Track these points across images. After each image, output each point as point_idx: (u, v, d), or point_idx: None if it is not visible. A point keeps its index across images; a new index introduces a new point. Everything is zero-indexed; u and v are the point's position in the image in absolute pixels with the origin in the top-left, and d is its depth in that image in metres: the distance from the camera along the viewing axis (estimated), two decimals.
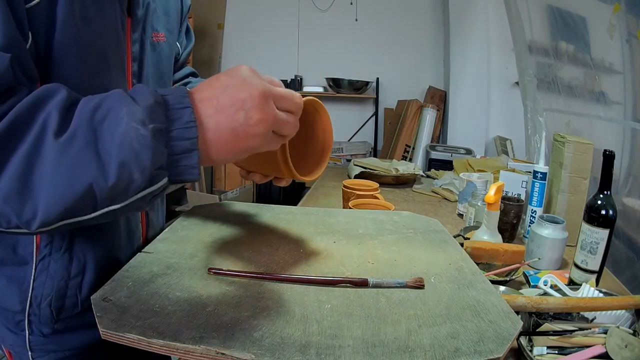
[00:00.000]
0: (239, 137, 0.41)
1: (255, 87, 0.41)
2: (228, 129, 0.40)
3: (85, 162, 0.35)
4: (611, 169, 0.79)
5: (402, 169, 1.72)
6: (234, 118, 0.40)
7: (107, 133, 0.36)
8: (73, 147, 0.35)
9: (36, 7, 0.43)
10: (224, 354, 0.39)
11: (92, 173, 0.35)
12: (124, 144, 0.36)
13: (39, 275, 0.57)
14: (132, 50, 0.59)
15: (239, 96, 0.41)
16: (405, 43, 3.57)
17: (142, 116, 0.36)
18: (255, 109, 0.41)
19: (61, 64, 0.47)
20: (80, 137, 0.35)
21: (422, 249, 0.66)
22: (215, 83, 0.42)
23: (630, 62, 1.19)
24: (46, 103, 0.37)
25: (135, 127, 0.36)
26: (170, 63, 0.72)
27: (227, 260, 0.58)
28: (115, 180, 0.36)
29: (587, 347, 0.62)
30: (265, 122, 0.41)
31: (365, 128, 3.76)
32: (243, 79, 0.42)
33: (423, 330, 0.44)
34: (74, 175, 0.35)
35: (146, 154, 0.36)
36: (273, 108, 0.42)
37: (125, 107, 0.37)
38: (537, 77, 1.91)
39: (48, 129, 0.35)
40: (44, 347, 0.61)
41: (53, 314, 0.59)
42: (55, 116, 0.36)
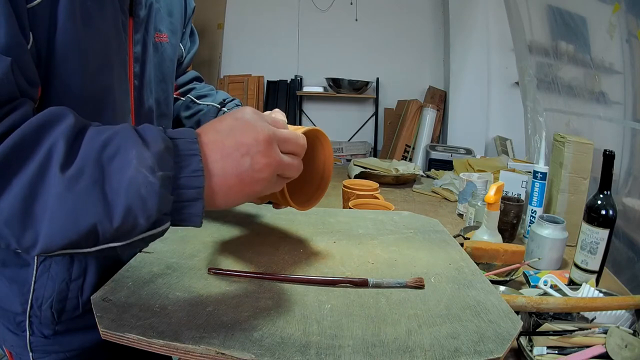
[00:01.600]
0: (244, 182, 0.41)
1: (260, 132, 0.41)
2: (234, 174, 0.40)
3: (91, 202, 0.35)
4: (611, 169, 0.79)
5: (402, 169, 1.72)
6: (240, 163, 0.40)
7: (115, 174, 0.35)
8: (80, 184, 0.35)
9: (37, 6, 0.43)
10: (224, 354, 0.39)
11: (98, 214, 0.35)
12: (131, 188, 0.35)
13: (40, 277, 0.57)
14: (134, 51, 0.58)
15: (244, 141, 0.41)
16: (405, 43, 3.58)
17: (151, 162, 0.36)
18: (260, 154, 0.41)
19: (62, 64, 0.47)
20: (88, 174, 0.35)
21: (422, 249, 0.66)
22: (220, 126, 0.42)
23: (630, 62, 1.19)
24: (53, 128, 0.36)
25: (144, 174, 0.35)
26: (173, 65, 0.71)
27: (227, 260, 0.58)
28: (120, 223, 0.36)
29: (587, 347, 0.62)
30: (270, 167, 0.42)
31: (365, 128, 3.76)
32: (247, 122, 0.42)
33: (423, 330, 0.44)
34: (78, 213, 0.35)
35: (153, 202, 0.36)
36: (278, 152, 0.43)
37: (135, 149, 0.36)
38: (537, 77, 1.91)
39: (54, 159, 0.35)
40: (45, 348, 0.61)
41: (54, 316, 0.59)
42: (61, 145, 0.35)
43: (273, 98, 3.70)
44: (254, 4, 3.65)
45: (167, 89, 0.69)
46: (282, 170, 0.44)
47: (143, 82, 0.61)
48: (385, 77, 3.60)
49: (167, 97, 0.70)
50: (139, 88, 0.60)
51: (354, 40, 3.60)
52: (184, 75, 0.86)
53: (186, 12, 0.75)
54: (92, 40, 0.49)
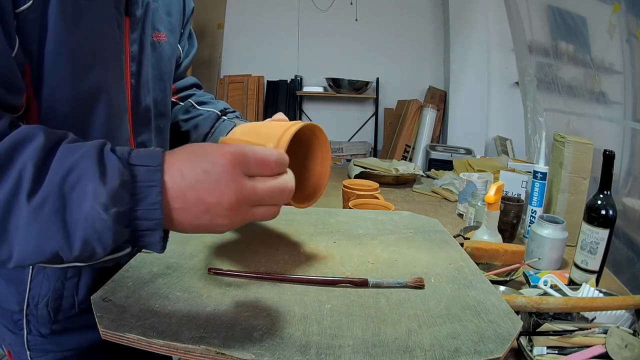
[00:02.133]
0: (200, 230, 0.41)
1: (226, 196, 0.38)
2: (191, 225, 0.40)
3: (52, 231, 0.36)
4: (611, 169, 0.79)
5: (402, 169, 1.72)
6: (199, 217, 0.39)
7: (75, 205, 0.36)
8: (43, 213, 0.36)
9: (27, 11, 0.43)
10: (224, 354, 0.39)
11: (59, 242, 0.37)
12: (87, 222, 0.36)
13: (36, 276, 0.57)
14: (131, 50, 0.58)
15: (207, 200, 0.38)
16: (405, 43, 3.58)
17: (105, 200, 0.36)
18: (221, 216, 0.39)
19: (53, 66, 0.47)
20: (50, 204, 0.36)
21: (422, 249, 0.66)
22: (188, 172, 0.39)
23: (630, 62, 1.19)
24: (23, 150, 0.37)
25: (98, 211, 0.36)
26: (171, 64, 0.71)
27: (227, 260, 0.58)
28: (79, 252, 0.37)
29: (587, 347, 0.62)
30: (231, 225, 0.40)
31: (365, 128, 3.76)
32: (216, 179, 0.38)
33: (423, 330, 0.44)
34: (43, 240, 0.37)
35: (107, 236, 0.37)
36: (245, 212, 0.40)
37: (92, 183, 0.36)
38: (537, 77, 1.91)
39: (23, 185, 0.36)
40: (42, 347, 0.62)
41: (50, 315, 0.59)
42: (30, 170, 0.36)
43: (273, 98, 3.70)
44: (254, 4, 3.65)
45: (165, 88, 0.69)
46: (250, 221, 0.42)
47: (140, 81, 0.61)
48: (385, 77, 3.60)
49: (165, 97, 0.70)
50: (135, 87, 0.60)
51: (354, 40, 3.60)
52: (183, 80, 0.85)
53: (185, 12, 0.75)
54: (83, 40, 0.49)
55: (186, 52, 0.81)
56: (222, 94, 3.60)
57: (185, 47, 0.80)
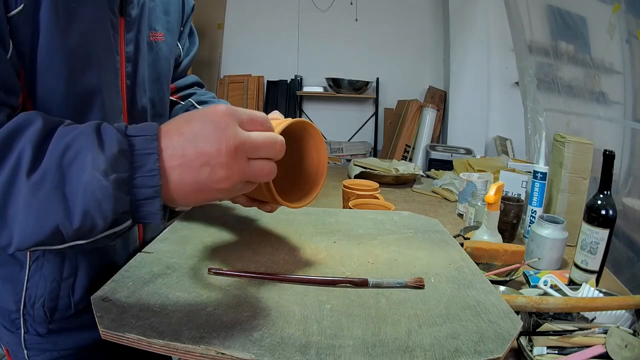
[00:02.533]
0: (202, 190, 0.40)
1: (224, 142, 0.39)
2: (191, 183, 0.40)
3: (52, 206, 0.37)
4: (611, 169, 0.79)
5: (402, 169, 1.72)
6: (199, 172, 0.39)
7: (74, 177, 0.37)
8: (43, 189, 0.36)
9: (18, 14, 0.43)
10: (224, 354, 0.39)
11: (59, 216, 0.37)
12: (87, 192, 0.37)
13: (33, 276, 0.58)
14: (126, 50, 0.57)
15: (206, 150, 0.39)
16: (405, 43, 3.58)
17: (104, 167, 0.37)
18: (221, 166, 0.39)
19: (46, 69, 0.47)
20: (49, 179, 0.37)
21: (422, 249, 0.66)
22: (185, 129, 0.40)
23: (630, 62, 1.19)
24: (22, 134, 0.38)
25: (98, 178, 0.36)
26: (169, 64, 0.70)
27: (227, 260, 0.58)
28: (79, 225, 0.37)
29: (587, 347, 0.62)
30: (230, 179, 0.40)
31: (365, 128, 3.76)
32: (214, 128, 0.39)
33: (423, 330, 0.44)
34: (42, 216, 0.37)
35: (108, 204, 0.37)
36: (243, 163, 0.41)
37: (91, 153, 0.37)
38: (537, 77, 1.91)
39: (22, 166, 0.37)
40: (40, 346, 0.62)
41: (47, 315, 0.60)
42: (28, 151, 0.37)
43: (273, 98, 3.70)
44: (254, 4, 3.65)
45: (163, 89, 0.68)
46: (248, 179, 0.42)
47: (136, 82, 0.60)
48: (385, 77, 3.60)
49: (163, 97, 0.69)
50: (131, 88, 0.60)
51: (354, 40, 3.60)
52: (184, 79, 0.84)
53: (184, 10, 0.74)
54: (76, 42, 0.48)
55: (187, 50, 0.80)
56: (222, 94, 3.60)
57: (186, 46, 0.79)
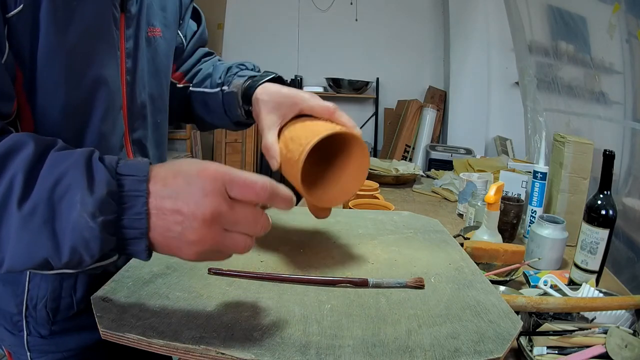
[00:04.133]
0: (170, 246, 0.40)
1: (202, 208, 0.38)
2: (162, 235, 0.39)
3: (42, 239, 0.37)
4: (611, 169, 0.79)
5: (402, 169, 1.72)
6: (170, 228, 0.39)
7: (63, 214, 0.37)
8: (33, 222, 0.37)
9: (18, 15, 0.42)
10: (224, 354, 0.39)
11: (48, 250, 0.38)
12: (75, 231, 0.37)
13: (34, 278, 0.57)
14: (126, 46, 0.58)
15: (183, 210, 0.38)
16: (405, 43, 3.58)
17: (92, 209, 0.37)
18: (192, 230, 0.38)
19: (47, 70, 0.46)
20: (40, 213, 0.37)
21: (422, 249, 0.66)
22: (171, 180, 0.39)
23: (630, 62, 1.19)
24: (14, 159, 0.38)
25: (86, 219, 0.37)
26: (168, 59, 0.70)
27: (227, 260, 0.57)
28: (67, 259, 0.38)
29: (587, 347, 0.62)
30: (199, 245, 0.39)
31: (365, 128, 3.76)
32: (197, 190, 0.39)
33: (423, 330, 0.44)
34: (33, 248, 0.38)
35: (94, 244, 0.38)
36: (217, 233, 0.39)
37: (80, 192, 0.37)
38: (537, 77, 1.91)
39: (13, 193, 0.37)
40: (42, 347, 0.61)
41: (49, 315, 0.59)
42: (20, 178, 0.37)
43: None
44: (254, 4, 3.65)
45: (162, 84, 0.68)
46: (219, 250, 0.41)
47: (135, 77, 0.60)
48: (385, 77, 3.60)
49: (162, 93, 0.69)
50: (131, 83, 0.60)
51: (354, 40, 3.60)
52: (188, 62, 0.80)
53: (182, 4, 0.73)
54: (78, 40, 0.48)
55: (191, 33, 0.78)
56: None
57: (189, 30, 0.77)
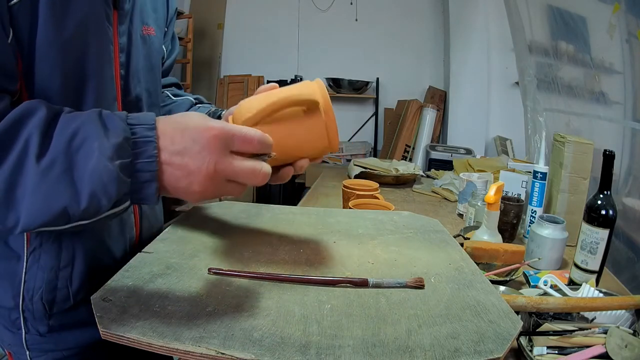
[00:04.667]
0: (178, 191, 0.45)
1: (206, 164, 0.44)
2: (170, 185, 0.45)
3: (61, 189, 0.40)
4: (611, 169, 0.79)
5: (402, 169, 1.72)
6: (178, 180, 0.44)
7: (81, 163, 0.41)
8: (52, 173, 0.40)
9: (18, 5, 0.45)
10: (224, 354, 0.39)
11: (67, 198, 0.41)
12: (94, 176, 0.40)
13: (30, 269, 0.58)
14: (120, 41, 0.60)
15: (189, 165, 0.44)
16: (405, 43, 3.57)
17: (110, 153, 0.41)
18: (198, 183, 0.44)
19: (44, 59, 0.49)
20: (59, 164, 0.40)
21: (422, 249, 0.66)
22: (178, 138, 0.44)
23: (630, 62, 1.19)
24: (28, 122, 0.41)
25: (105, 163, 0.40)
26: (159, 57, 0.73)
27: (227, 260, 0.58)
28: (86, 206, 0.41)
29: (587, 347, 0.62)
30: (203, 195, 0.45)
31: (365, 128, 3.76)
32: (202, 148, 0.44)
33: (423, 330, 0.44)
34: (51, 198, 0.40)
35: (113, 186, 0.41)
36: (218, 184, 0.45)
37: (97, 140, 0.41)
38: (537, 77, 1.91)
39: (30, 151, 0.40)
40: (41, 346, 0.62)
41: (46, 308, 0.59)
42: (36, 137, 0.40)
43: None
44: (254, 4, 3.64)
45: (156, 80, 0.72)
46: (218, 196, 0.47)
47: (129, 72, 0.63)
48: (385, 77, 3.60)
49: (157, 88, 0.72)
50: (125, 77, 0.62)
51: (354, 40, 3.60)
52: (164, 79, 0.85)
53: (168, 11, 0.77)
54: (73, 31, 0.50)
55: (169, 53, 0.83)
56: (222, 94, 3.60)
57: (169, 49, 0.82)
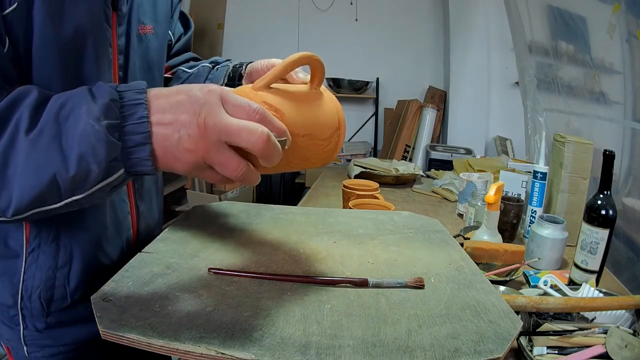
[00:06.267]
0: (168, 156, 0.42)
1: (197, 115, 0.40)
2: (161, 145, 0.41)
3: (50, 155, 0.39)
4: (611, 169, 0.79)
5: (402, 169, 1.72)
6: (170, 136, 0.41)
7: (69, 129, 0.40)
8: (41, 141, 0.39)
9: (12, 13, 0.44)
10: (224, 354, 0.39)
11: (56, 165, 0.39)
12: (82, 139, 0.39)
13: (29, 268, 0.58)
14: (118, 43, 0.60)
15: (180, 118, 0.41)
16: (405, 43, 3.57)
17: (97, 114, 0.40)
18: (188, 137, 0.41)
19: (41, 63, 0.48)
20: (47, 132, 0.40)
21: (422, 249, 0.66)
22: (173, 96, 0.42)
23: (630, 62, 1.19)
24: (20, 104, 0.41)
25: (92, 124, 0.39)
26: (160, 54, 0.72)
27: (227, 260, 0.58)
28: (75, 171, 0.40)
29: (587, 347, 0.62)
30: (193, 154, 0.41)
31: (365, 128, 3.76)
32: (195, 100, 0.41)
33: (423, 330, 0.44)
34: (41, 166, 0.39)
35: (101, 148, 0.39)
36: (210, 143, 0.41)
37: (85, 105, 0.40)
38: (537, 77, 1.91)
39: (21, 127, 0.40)
40: (39, 342, 0.62)
41: (43, 306, 0.60)
42: (26, 115, 0.40)
43: None
44: (254, 4, 3.64)
45: (154, 78, 0.71)
46: (210, 162, 0.42)
47: (127, 73, 0.62)
48: (385, 77, 3.60)
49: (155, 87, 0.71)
50: (123, 79, 0.62)
51: (354, 40, 3.60)
52: (179, 57, 0.84)
53: (172, 1, 0.76)
54: (71, 36, 0.50)
55: (179, 34, 0.81)
56: None
57: (179, 31, 0.81)
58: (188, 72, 0.81)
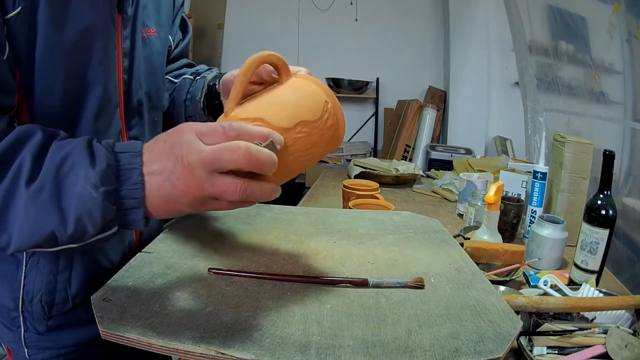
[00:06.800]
0: (168, 203, 0.43)
1: (179, 156, 0.41)
2: (157, 196, 0.43)
3: (49, 213, 0.41)
4: (611, 169, 0.79)
5: (402, 169, 1.72)
6: (162, 185, 0.42)
7: (68, 189, 0.41)
8: (41, 197, 0.41)
9: (16, 17, 0.44)
10: (224, 354, 0.39)
11: (55, 222, 0.41)
12: (79, 202, 0.41)
13: (30, 272, 0.58)
14: (123, 46, 0.59)
15: (167, 165, 0.42)
16: (405, 43, 3.57)
17: (94, 180, 0.41)
18: (178, 180, 0.42)
19: (44, 67, 0.48)
20: (47, 189, 0.41)
21: (422, 249, 0.66)
22: (155, 147, 0.44)
23: (630, 62, 1.19)
24: (22, 147, 0.42)
25: (89, 190, 0.41)
26: (162, 57, 0.72)
27: (227, 260, 0.58)
28: (72, 230, 0.42)
29: (587, 347, 0.62)
30: (190, 194, 0.42)
31: (365, 128, 3.76)
32: (174, 145, 0.42)
33: (423, 330, 0.44)
34: (40, 222, 0.41)
35: (97, 213, 0.42)
36: (202, 177, 0.41)
37: (83, 168, 0.42)
38: (537, 77, 1.91)
39: (22, 175, 0.41)
40: (39, 344, 0.62)
41: (45, 310, 0.60)
42: (28, 162, 0.41)
43: None
44: (254, 4, 3.64)
45: (158, 81, 0.70)
46: (209, 195, 0.42)
47: (132, 76, 0.62)
48: (385, 77, 3.60)
49: (158, 90, 0.71)
50: (127, 82, 0.62)
51: (354, 40, 3.60)
52: (175, 63, 0.85)
53: (175, 4, 0.76)
54: (75, 38, 0.50)
55: (177, 40, 0.81)
56: None
57: (178, 36, 0.81)
58: (175, 82, 0.81)
